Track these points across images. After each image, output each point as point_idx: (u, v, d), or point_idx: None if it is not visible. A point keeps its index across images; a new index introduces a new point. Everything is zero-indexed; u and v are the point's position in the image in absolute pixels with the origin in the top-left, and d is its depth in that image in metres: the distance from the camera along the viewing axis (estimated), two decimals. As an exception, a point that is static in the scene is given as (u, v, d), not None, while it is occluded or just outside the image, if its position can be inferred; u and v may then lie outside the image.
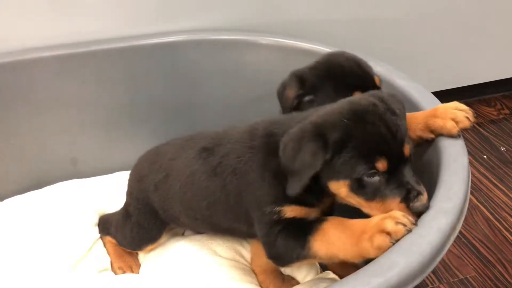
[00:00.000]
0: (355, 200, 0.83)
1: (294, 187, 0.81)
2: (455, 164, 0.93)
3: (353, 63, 1.00)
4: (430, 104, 1.14)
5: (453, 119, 0.92)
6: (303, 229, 0.85)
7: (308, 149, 0.79)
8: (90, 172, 1.52)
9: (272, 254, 0.91)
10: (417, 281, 0.74)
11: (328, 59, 1.04)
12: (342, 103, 0.84)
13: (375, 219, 0.78)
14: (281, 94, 1.05)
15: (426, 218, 0.81)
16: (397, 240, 0.75)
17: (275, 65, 1.20)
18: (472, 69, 2.06)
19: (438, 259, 0.77)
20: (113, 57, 1.46)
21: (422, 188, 0.80)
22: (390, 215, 0.77)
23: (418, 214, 0.79)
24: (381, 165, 0.78)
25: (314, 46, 1.42)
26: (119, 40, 1.47)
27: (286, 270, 1.23)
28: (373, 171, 0.78)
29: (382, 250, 0.75)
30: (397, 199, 0.79)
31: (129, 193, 1.20)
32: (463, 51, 1.97)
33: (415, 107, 1.16)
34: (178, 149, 1.09)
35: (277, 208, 0.87)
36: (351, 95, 0.91)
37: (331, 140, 0.78)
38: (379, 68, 1.31)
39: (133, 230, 1.16)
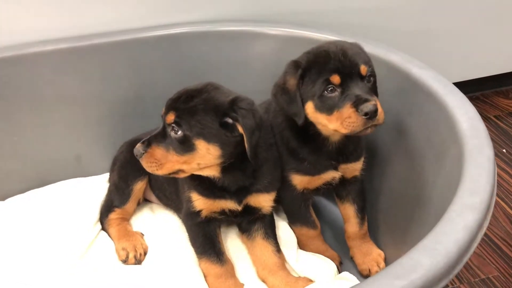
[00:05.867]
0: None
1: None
2: (480, 156, 0.87)
3: (340, 50, 1.02)
4: (449, 93, 1.08)
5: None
6: (210, 242, 1.11)
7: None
8: (94, 170, 1.48)
9: (182, 219, 1.19)
10: (442, 283, 0.68)
11: (321, 45, 1.07)
12: None
13: None
14: (281, 88, 1.07)
15: (450, 214, 0.75)
16: None
17: (283, 56, 1.14)
18: (489, 59, 1.99)
19: (465, 259, 0.71)
20: (117, 51, 1.42)
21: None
22: None
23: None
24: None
25: (324, 35, 1.36)
26: (123, 33, 1.43)
27: (303, 271, 1.17)
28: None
29: None
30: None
31: (113, 164, 1.35)
32: (480, 41, 1.91)
33: (433, 97, 1.10)
34: None
35: (188, 193, 1.10)
36: (329, 78, 0.98)
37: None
38: (394, 57, 1.24)
39: (121, 172, 1.31)
